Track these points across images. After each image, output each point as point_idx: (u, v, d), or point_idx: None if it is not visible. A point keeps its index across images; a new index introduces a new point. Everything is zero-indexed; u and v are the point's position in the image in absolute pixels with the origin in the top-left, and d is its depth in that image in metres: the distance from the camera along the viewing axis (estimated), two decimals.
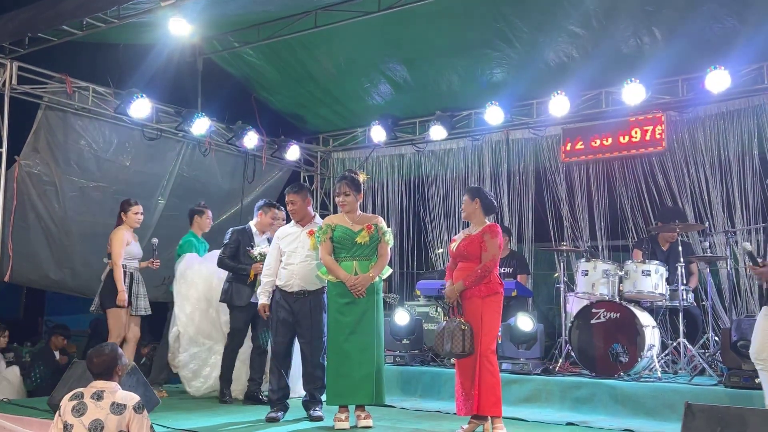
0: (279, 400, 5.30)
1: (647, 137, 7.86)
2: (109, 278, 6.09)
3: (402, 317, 7.18)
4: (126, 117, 7.57)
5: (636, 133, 7.93)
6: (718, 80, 6.90)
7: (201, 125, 8.03)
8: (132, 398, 3.70)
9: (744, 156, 7.46)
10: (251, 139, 8.66)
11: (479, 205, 4.91)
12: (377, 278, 5.00)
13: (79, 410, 3.57)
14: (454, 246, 4.93)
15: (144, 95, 7.40)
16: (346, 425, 4.81)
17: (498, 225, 4.98)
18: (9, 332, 8.05)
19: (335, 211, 9.81)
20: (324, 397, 5.18)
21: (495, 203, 5.07)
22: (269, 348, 5.74)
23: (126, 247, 6.15)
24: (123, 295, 6.00)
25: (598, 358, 6.05)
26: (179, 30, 6.58)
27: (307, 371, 5.30)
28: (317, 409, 5.23)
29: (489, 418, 4.72)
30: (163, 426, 4.57)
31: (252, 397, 6.01)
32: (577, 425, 5.11)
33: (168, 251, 7.66)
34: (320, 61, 8.48)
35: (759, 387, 5.20)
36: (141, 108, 7.43)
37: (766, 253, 7.25)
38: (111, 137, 7.73)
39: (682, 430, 2.98)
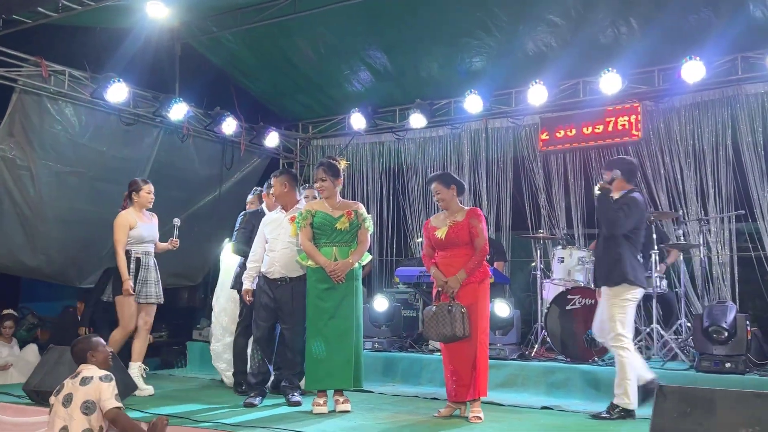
0: (257, 385, 5.32)
1: (623, 127, 7.96)
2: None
3: (381, 304, 7.23)
4: (103, 101, 7.48)
5: (612, 122, 8.01)
6: (693, 71, 7.00)
7: (179, 111, 7.96)
8: (101, 372, 3.94)
9: (718, 146, 7.58)
10: (230, 126, 8.60)
11: (455, 190, 4.95)
12: (356, 264, 5.03)
13: (59, 390, 3.89)
14: (440, 234, 4.87)
15: (121, 80, 7.30)
16: (324, 410, 4.85)
17: (479, 209, 5.04)
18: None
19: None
20: (303, 383, 5.22)
21: (464, 186, 5.12)
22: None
23: (132, 231, 5.77)
24: (128, 284, 5.62)
25: (573, 343, 6.15)
26: (157, 13, 6.53)
27: (287, 357, 5.33)
28: (295, 394, 5.26)
29: (467, 401, 4.78)
30: (131, 408, 4.59)
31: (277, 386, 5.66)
32: (552, 409, 5.20)
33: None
34: (300, 47, 8.45)
35: (729, 371, 5.38)
36: (118, 92, 7.34)
37: (738, 239, 7.45)
38: (87, 122, 7.62)
39: (653, 411, 3.06)
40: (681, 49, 7.03)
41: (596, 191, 4.92)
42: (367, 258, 5.21)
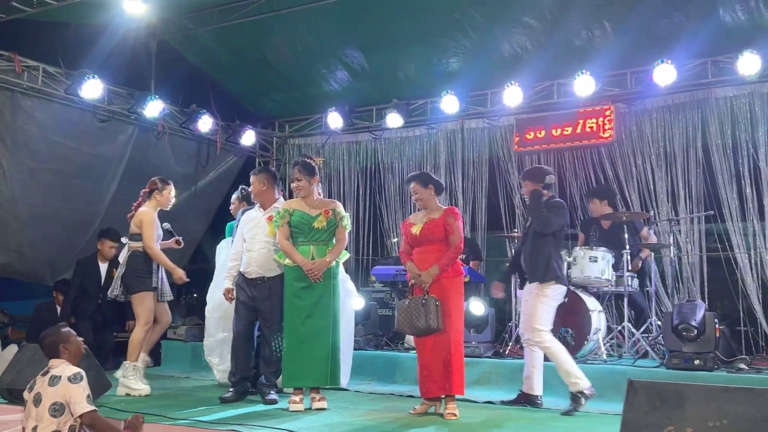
0: (237, 383, 5.33)
1: (597, 128, 8.07)
2: (135, 262, 5.70)
3: (357, 302, 7.24)
4: (77, 98, 7.42)
5: (586, 124, 8.12)
6: (664, 74, 7.13)
7: (154, 108, 7.92)
8: (69, 370, 3.74)
9: (688, 148, 7.73)
10: (206, 123, 8.58)
11: (432, 190, 5.02)
12: (334, 263, 5.05)
13: (32, 386, 3.74)
14: (416, 230, 4.96)
15: (96, 76, 7.26)
16: (300, 407, 4.87)
17: (456, 208, 5.11)
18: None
19: (291, 197, 9.85)
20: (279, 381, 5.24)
21: (442, 185, 5.21)
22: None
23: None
24: (179, 272, 5.80)
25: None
26: (134, 9, 6.49)
27: (265, 354, 5.35)
28: (272, 392, 5.27)
29: (442, 398, 4.84)
30: (104, 406, 4.58)
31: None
32: (525, 405, 5.26)
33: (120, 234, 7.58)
34: (277, 46, 8.45)
35: (698, 368, 5.50)
36: (93, 89, 7.30)
37: (708, 239, 7.60)
38: (61, 118, 7.55)
39: (624, 406, 3.12)
40: (653, 52, 7.16)
41: (526, 193, 5.20)
42: (345, 256, 5.25)
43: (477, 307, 6.69)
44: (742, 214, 7.37)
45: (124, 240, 6.08)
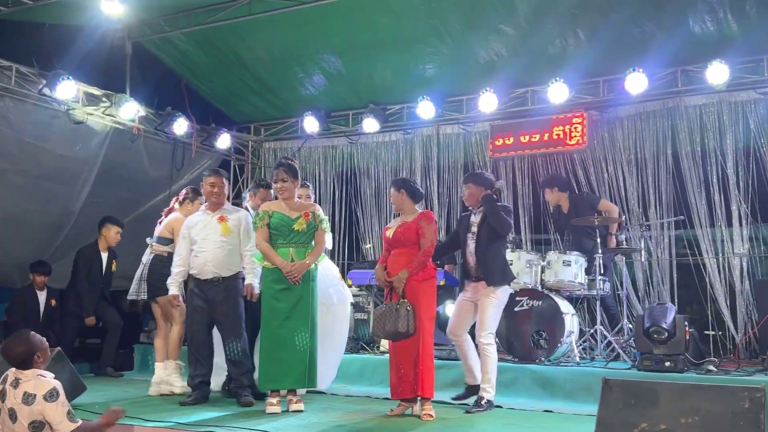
0: (197, 386, 5.33)
1: (570, 135, 8.19)
2: (160, 266, 5.83)
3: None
4: (51, 99, 7.32)
5: (559, 130, 8.24)
6: (636, 82, 7.29)
7: (129, 110, 7.87)
8: (44, 387, 3.58)
9: (659, 155, 7.89)
10: (181, 126, 8.54)
11: (405, 194, 5.10)
12: (313, 265, 5.08)
13: (3, 395, 3.56)
14: (389, 233, 5.08)
15: (70, 77, 7.18)
16: (277, 409, 4.88)
17: (432, 212, 5.22)
18: None
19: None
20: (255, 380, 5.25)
21: (421, 190, 5.28)
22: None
23: None
24: None
25: (521, 344, 6.31)
26: (110, 9, 6.46)
27: (230, 355, 5.33)
28: (247, 393, 5.27)
29: (418, 400, 4.88)
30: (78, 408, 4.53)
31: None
32: (501, 407, 5.31)
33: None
34: (253, 49, 8.46)
35: (668, 369, 5.61)
36: (67, 90, 7.21)
37: (677, 245, 7.76)
38: (34, 120, 7.43)
39: (600, 403, 3.20)
40: (625, 61, 7.31)
41: (468, 196, 5.30)
42: (323, 259, 5.27)
43: (452, 310, 6.73)
44: (711, 220, 7.54)
45: (149, 241, 6.14)
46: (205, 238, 5.32)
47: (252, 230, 5.31)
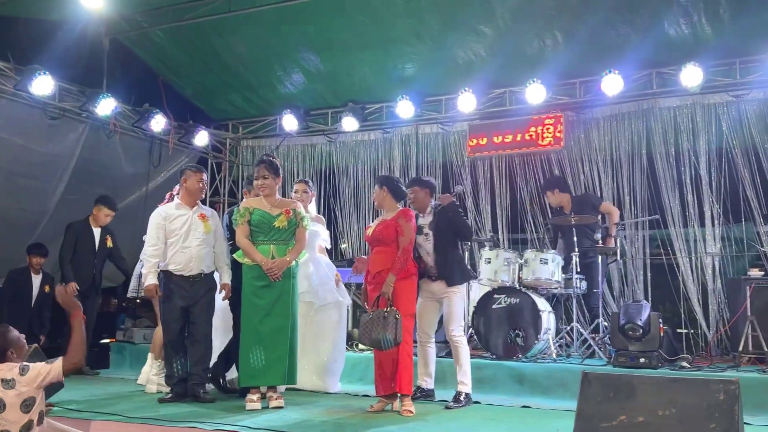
0: (177, 384, 5.32)
1: (547, 135, 8.28)
2: None
3: None
4: (26, 94, 7.23)
5: (536, 131, 8.33)
6: (612, 84, 7.39)
7: (106, 106, 7.79)
8: (15, 370, 3.60)
9: (633, 156, 8.01)
10: (158, 123, 8.47)
11: (387, 192, 5.13)
12: (294, 262, 5.08)
13: None
14: (369, 231, 5.14)
15: (47, 72, 7.10)
16: (257, 406, 4.88)
17: (411, 210, 5.19)
18: None
19: (242, 199, 9.80)
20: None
21: (403, 189, 5.29)
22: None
23: None
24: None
25: (499, 341, 6.37)
26: (89, 4, 6.39)
27: (200, 352, 5.32)
28: (206, 391, 5.31)
29: (398, 396, 4.91)
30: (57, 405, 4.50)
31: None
32: (479, 403, 5.37)
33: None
34: (232, 46, 8.42)
35: (643, 366, 5.72)
36: (43, 85, 7.13)
37: (651, 245, 7.89)
38: (9, 115, 7.33)
39: (579, 397, 3.24)
40: (601, 62, 7.42)
41: (444, 200, 5.34)
42: (303, 256, 5.28)
43: None
44: (684, 220, 7.67)
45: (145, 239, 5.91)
46: (188, 235, 5.30)
47: (222, 230, 5.45)
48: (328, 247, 6.19)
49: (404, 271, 4.97)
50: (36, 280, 7.45)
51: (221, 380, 5.76)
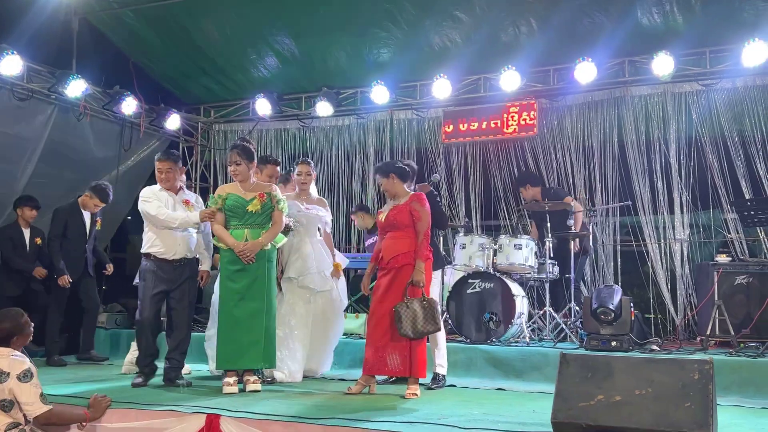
0: (147, 366, 5.30)
1: (521, 122, 8.35)
2: None
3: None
4: None
5: (511, 118, 8.39)
6: (585, 71, 7.48)
7: (76, 88, 7.65)
8: (18, 366, 3.58)
9: (605, 143, 8.12)
10: (129, 106, 8.35)
11: (396, 178, 5.06)
12: (270, 246, 5.06)
13: None
14: (382, 217, 5.07)
15: (15, 52, 6.94)
16: (234, 389, 4.86)
17: (422, 193, 5.14)
18: None
19: (216, 184, 9.72)
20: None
21: (407, 168, 5.18)
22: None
23: None
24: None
25: (473, 325, 6.43)
26: None
27: (180, 337, 5.30)
28: (181, 377, 5.28)
29: (374, 378, 4.97)
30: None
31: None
32: (455, 386, 5.42)
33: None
34: (205, 28, 8.32)
35: (614, 349, 5.83)
36: (11, 66, 6.97)
37: (621, 231, 8.02)
38: None
39: (558, 377, 3.31)
40: (575, 50, 7.49)
41: (423, 190, 5.34)
42: (282, 240, 5.26)
43: None
44: (654, 207, 7.81)
45: None
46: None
47: None
48: (329, 230, 6.01)
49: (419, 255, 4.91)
50: (26, 233, 7.13)
51: None
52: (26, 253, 7.06)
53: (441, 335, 5.28)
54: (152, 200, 5.24)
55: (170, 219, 5.18)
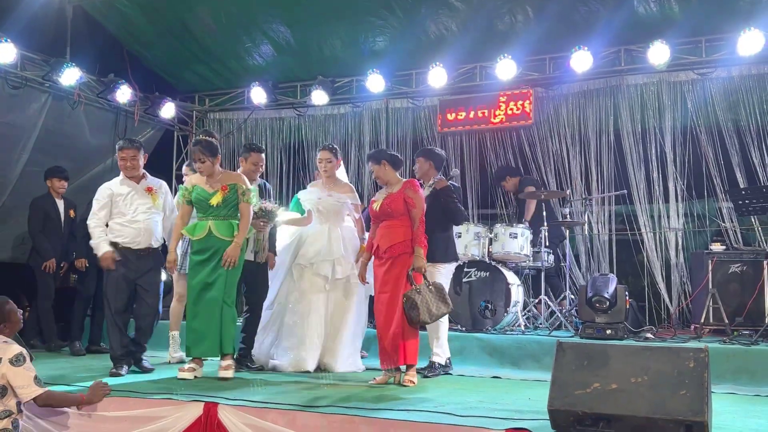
0: (123, 356, 5.32)
1: (517, 111, 8.34)
2: None
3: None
4: None
5: (507, 106, 8.38)
6: (581, 60, 7.48)
7: (70, 76, 7.61)
8: (10, 351, 3.59)
9: (601, 132, 8.11)
10: (124, 94, 8.32)
11: (388, 165, 5.06)
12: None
13: None
14: (376, 206, 5.02)
15: (8, 40, 6.90)
16: (189, 375, 4.94)
17: (415, 180, 5.15)
18: None
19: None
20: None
21: (399, 156, 5.26)
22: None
23: None
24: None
25: (469, 313, 6.46)
26: None
27: (147, 323, 5.40)
28: (146, 359, 5.41)
29: (401, 369, 4.93)
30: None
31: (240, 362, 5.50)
32: (450, 374, 5.45)
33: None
34: (199, 16, 8.26)
35: (609, 337, 5.86)
36: (5, 53, 6.94)
37: (616, 220, 8.04)
38: None
39: (554, 365, 3.32)
40: (571, 39, 7.47)
41: (438, 185, 5.35)
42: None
43: None
44: (649, 196, 7.83)
45: None
46: (136, 209, 5.31)
47: (172, 202, 5.47)
48: (357, 216, 5.78)
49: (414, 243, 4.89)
50: (60, 204, 7.12)
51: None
52: (60, 225, 7.07)
53: (444, 325, 5.28)
54: (100, 201, 5.31)
55: (91, 231, 5.28)
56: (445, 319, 5.23)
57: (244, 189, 5.06)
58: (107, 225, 5.31)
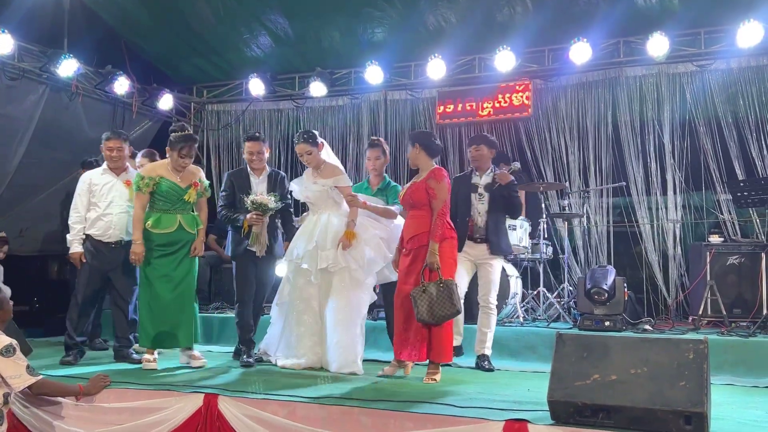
0: (77, 345, 5.37)
1: (515, 103, 8.34)
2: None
3: (281, 270, 7.23)
4: None
5: (505, 98, 8.38)
6: (580, 52, 7.46)
7: (68, 67, 7.58)
8: (0, 342, 3.59)
9: (600, 124, 8.11)
10: (122, 85, 8.28)
11: (420, 149, 4.80)
12: (195, 229, 5.18)
13: None
14: (401, 193, 4.91)
15: (5, 31, 6.86)
16: (154, 366, 4.99)
17: (443, 168, 4.83)
18: None
19: (208, 165, 9.68)
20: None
21: (438, 144, 5.00)
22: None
23: None
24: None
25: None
26: None
27: (122, 318, 5.43)
28: (132, 352, 5.41)
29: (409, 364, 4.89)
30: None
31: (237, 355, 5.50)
32: (450, 366, 5.45)
33: (28, 200, 7.25)
34: (197, 7, 8.22)
35: (608, 329, 5.88)
36: (2, 45, 6.89)
37: (614, 212, 8.05)
38: None
39: (554, 356, 3.33)
40: (570, 30, 7.46)
41: (504, 180, 5.28)
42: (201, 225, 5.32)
43: None
44: (647, 188, 7.84)
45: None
46: (111, 201, 5.36)
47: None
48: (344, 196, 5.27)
49: (437, 234, 4.59)
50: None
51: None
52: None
53: (494, 319, 5.33)
54: (79, 192, 5.38)
55: (71, 225, 5.36)
56: (495, 313, 5.30)
57: (206, 185, 5.24)
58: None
